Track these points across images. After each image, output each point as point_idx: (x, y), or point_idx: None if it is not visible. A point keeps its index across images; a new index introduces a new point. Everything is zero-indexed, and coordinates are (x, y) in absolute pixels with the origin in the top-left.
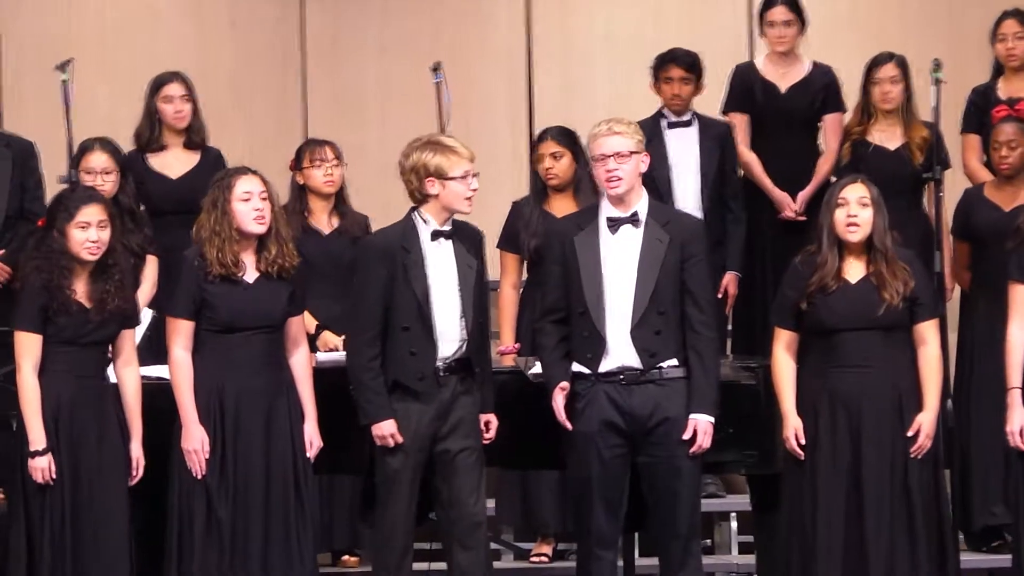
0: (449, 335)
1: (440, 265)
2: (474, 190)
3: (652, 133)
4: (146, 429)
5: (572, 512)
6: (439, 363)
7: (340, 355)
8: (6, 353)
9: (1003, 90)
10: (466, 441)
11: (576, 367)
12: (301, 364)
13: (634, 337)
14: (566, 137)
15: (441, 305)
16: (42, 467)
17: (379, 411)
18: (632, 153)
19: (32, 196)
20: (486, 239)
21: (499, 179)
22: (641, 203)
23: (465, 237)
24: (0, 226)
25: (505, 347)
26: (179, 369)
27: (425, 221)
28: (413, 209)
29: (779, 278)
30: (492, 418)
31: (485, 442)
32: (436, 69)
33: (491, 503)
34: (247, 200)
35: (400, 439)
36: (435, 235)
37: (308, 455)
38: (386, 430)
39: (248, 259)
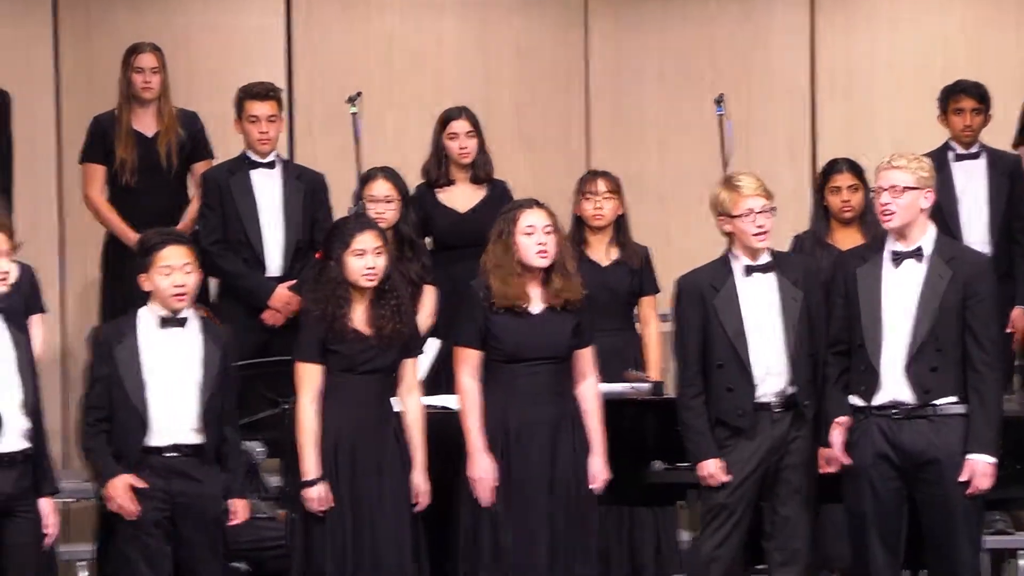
0: (769, 370)
1: (754, 300)
2: (760, 226)
3: (939, 165)
4: (434, 458)
5: (852, 546)
6: (761, 398)
7: (622, 386)
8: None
9: None
10: (797, 478)
11: (851, 399)
12: (589, 397)
13: (909, 372)
14: (858, 169)
15: (757, 340)
16: (314, 497)
17: (702, 450)
18: (908, 188)
19: (321, 227)
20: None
21: (780, 211)
22: (926, 238)
23: (790, 269)
24: (291, 257)
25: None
26: (467, 397)
27: (736, 257)
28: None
29: None
30: (828, 452)
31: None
32: (719, 102)
33: None
34: (530, 234)
35: (724, 478)
36: (748, 270)
37: (592, 487)
38: (708, 469)
39: (534, 291)
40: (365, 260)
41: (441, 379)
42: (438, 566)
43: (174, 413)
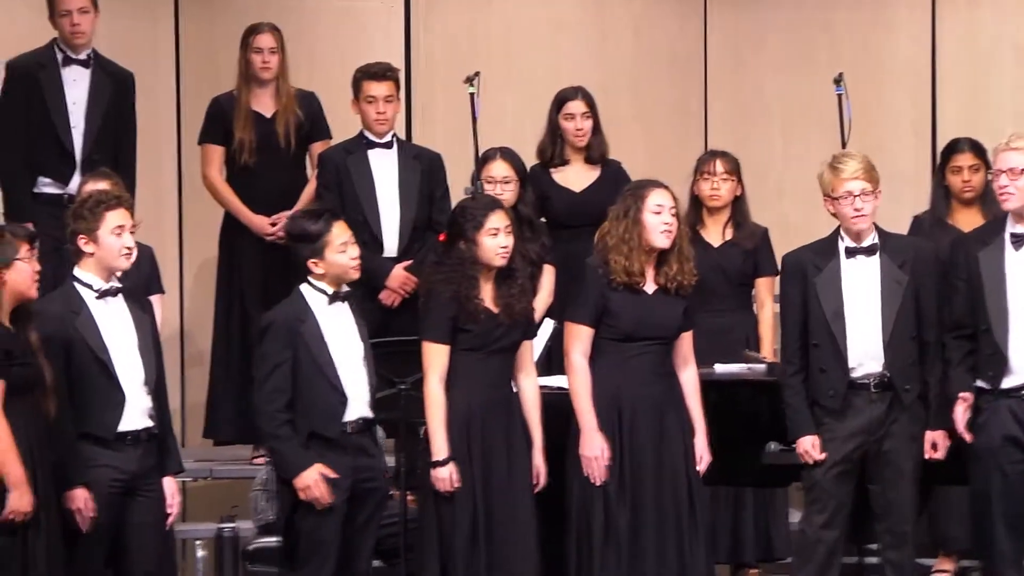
0: (866, 352)
1: (856, 282)
2: (857, 210)
3: None
4: (547, 438)
5: (973, 528)
6: (856, 380)
7: (738, 367)
8: (414, 361)
9: None
10: (901, 461)
11: (978, 382)
12: (691, 380)
13: None
14: (980, 148)
15: (855, 323)
16: (444, 477)
17: (798, 427)
18: None
19: (439, 207)
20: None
21: (901, 193)
22: None
23: (897, 252)
24: (408, 237)
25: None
26: (578, 375)
27: (842, 238)
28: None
29: None
30: (937, 436)
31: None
32: (838, 81)
33: None
34: (658, 213)
35: (818, 456)
36: (851, 252)
37: (698, 469)
38: (803, 446)
39: (649, 271)
40: (499, 239)
41: (554, 358)
42: (549, 545)
43: (358, 388)
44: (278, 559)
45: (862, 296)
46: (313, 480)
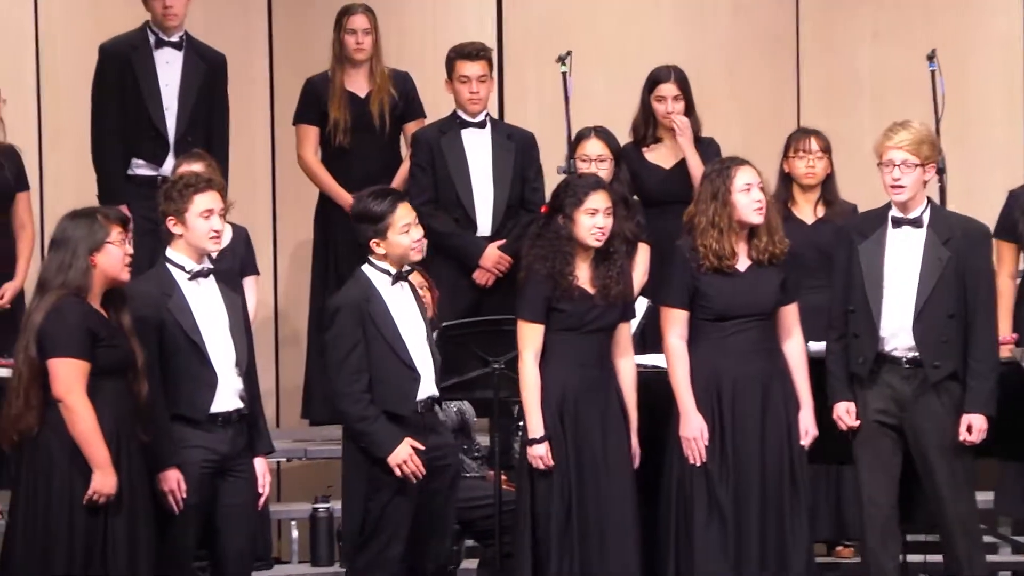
0: (901, 324)
1: (898, 253)
2: (895, 179)
3: None
4: (641, 419)
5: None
6: (889, 351)
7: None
8: (508, 340)
9: None
10: (941, 439)
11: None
12: (796, 352)
13: None
14: None
15: (892, 293)
16: (539, 455)
17: (833, 392)
18: None
19: (532, 187)
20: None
21: (993, 168)
22: None
23: (945, 228)
24: (501, 216)
25: (1002, 338)
26: (675, 358)
27: (891, 208)
28: None
29: None
30: (973, 419)
31: (968, 443)
32: (931, 57)
33: (989, 495)
34: (747, 191)
35: (851, 422)
36: (896, 222)
37: (803, 443)
38: (837, 411)
39: (741, 248)
40: (596, 219)
41: (647, 336)
42: (645, 525)
43: (426, 365)
44: (345, 536)
45: (902, 267)
46: (408, 454)
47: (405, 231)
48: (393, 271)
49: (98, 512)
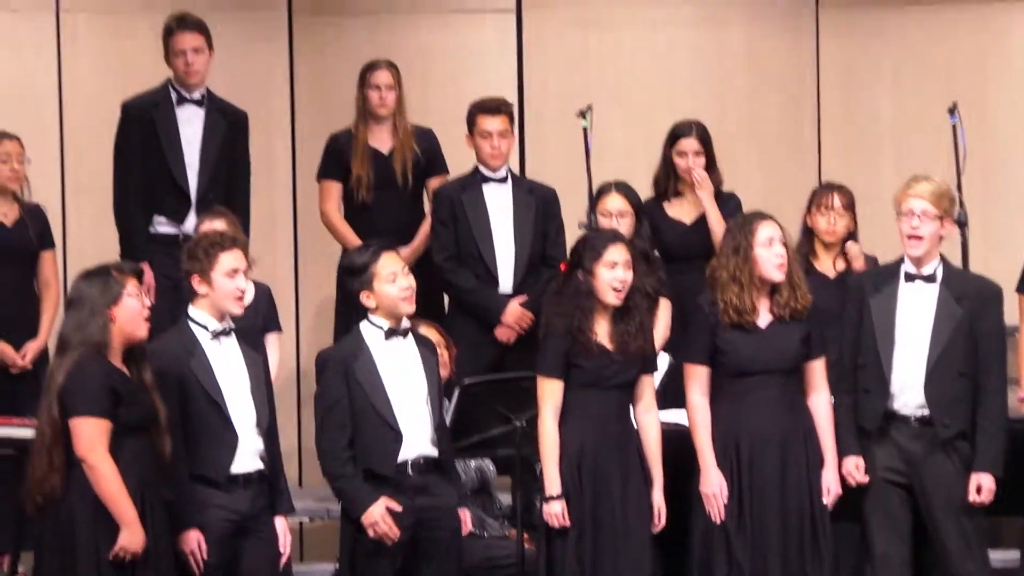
0: (912, 382)
1: (910, 309)
2: (914, 228)
3: None
4: (666, 475)
5: None
6: (899, 409)
7: None
8: (529, 397)
9: None
10: (949, 497)
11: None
12: (822, 409)
13: None
14: None
15: (903, 349)
16: (555, 512)
17: (843, 448)
18: None
19: (553, 242)
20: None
21: (1014, 220)
22: None
23: (957, 286)
24: (523, 272)
25: (1020, 395)
26: (697, 414)
27: (904, 262)
28: None
29: None
30: (983, 479)
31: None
32: (952, 111)
33: (1014, 554)
34: (769, 246)
35: (860, 478)
36: (909, 277)
37: (824, 502)
38: (845, 466)
39: (762, 303)
40: (616, 272)
41: (668, 393)
42: None
43: (417, 425)
44: None
45: (914, 323)
46: (380, 515)
47: (391, 280)
48: (387, 326)
49: (124, 570)
